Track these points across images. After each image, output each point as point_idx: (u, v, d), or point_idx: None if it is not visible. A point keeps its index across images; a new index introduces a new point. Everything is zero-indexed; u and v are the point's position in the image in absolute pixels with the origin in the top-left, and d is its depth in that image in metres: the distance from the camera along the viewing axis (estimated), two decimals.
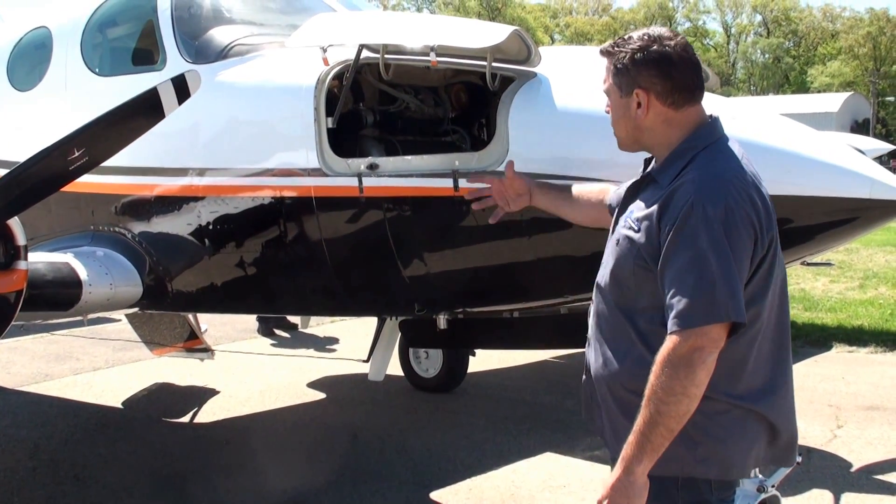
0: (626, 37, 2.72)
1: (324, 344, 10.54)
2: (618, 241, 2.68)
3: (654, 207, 2.56)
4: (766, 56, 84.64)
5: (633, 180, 2.82)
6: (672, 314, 2.45)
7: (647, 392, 2.46)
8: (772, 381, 2.65)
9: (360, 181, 4.42)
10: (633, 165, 3.82)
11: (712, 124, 2.70)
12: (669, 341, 2.44)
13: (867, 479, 5.68)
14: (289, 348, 10.31)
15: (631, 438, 2.48)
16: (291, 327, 11.10)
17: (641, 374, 2.51)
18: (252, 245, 5.00)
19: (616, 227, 2.75)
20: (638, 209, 2.65)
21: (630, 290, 2.64)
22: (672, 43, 2.64)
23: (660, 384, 2.43)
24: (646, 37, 2.67)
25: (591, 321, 2.83)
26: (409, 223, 4.51)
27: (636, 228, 2.61)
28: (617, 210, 2.85)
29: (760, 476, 3.97)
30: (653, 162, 2.79)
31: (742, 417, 2.61)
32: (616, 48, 2.71)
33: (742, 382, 2.59)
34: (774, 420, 2.65)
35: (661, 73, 2.64)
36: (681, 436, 2.48)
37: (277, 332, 11.11)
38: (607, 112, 2.84)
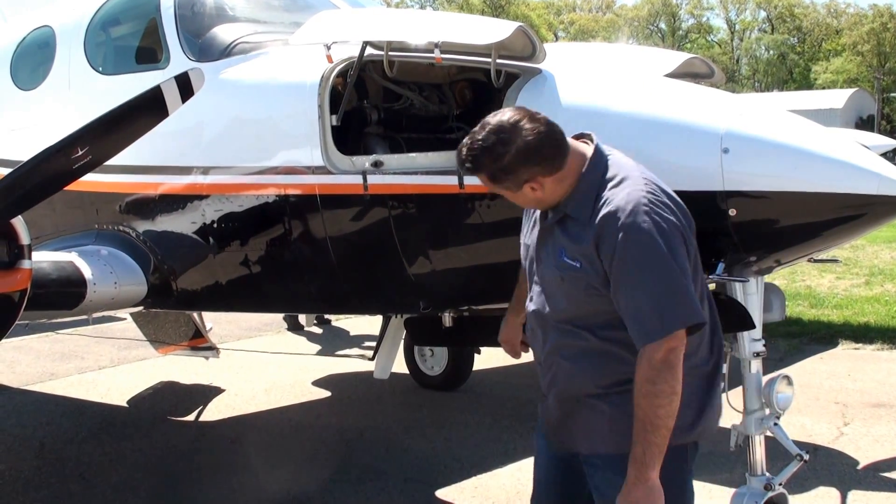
0: (477, 146, 2.75)
1: (352, 339, 10.55)
2: (562, 278, 2.82)
3: (589, 243, 2.72)
4: (771, 52, 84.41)
5: (542, 225, 2.93)
6: (641, 330, 2.66)
7: (637, 405, 2.65)
8: (716, 338, 2.94)
9: (365, 179, 4.40)
10: (639, 161, 3.81)
11: (596, 152, 2.83)
12: (645, 354, 2.63)
13: (874, 476, 5.65)
14: (312, 344, 10.34)
15: (636, 450, 2.65)
16: (326, 322, 11.20)
17: (610, 368, 2.80)
18: (256, 243, 4.99)
19: (548, 260, 2.89)
20: (569, 247, 2.79)
21: (587, 312, 2.82)
22: (522, 129, 2.71)
23: (651, 393, 2.62)
24: (496, 138, 2.71)
25: (543, 350, 2.99)
26: (413, 221, 4.50)
27: (578, 264, 2.76)
28: (534, 249, 2.97)
29: (767, 474, 3.97)
30: None
31: (709, 375, 2.90)
32: (476, 163, 2.77)
33: (700, 353, 2.86)
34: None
35: (535, 160, 2.72)
36: None
37: (307, 327, 11.19)
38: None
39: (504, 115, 2.77)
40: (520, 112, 2.77)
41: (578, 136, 2.91)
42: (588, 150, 2.84)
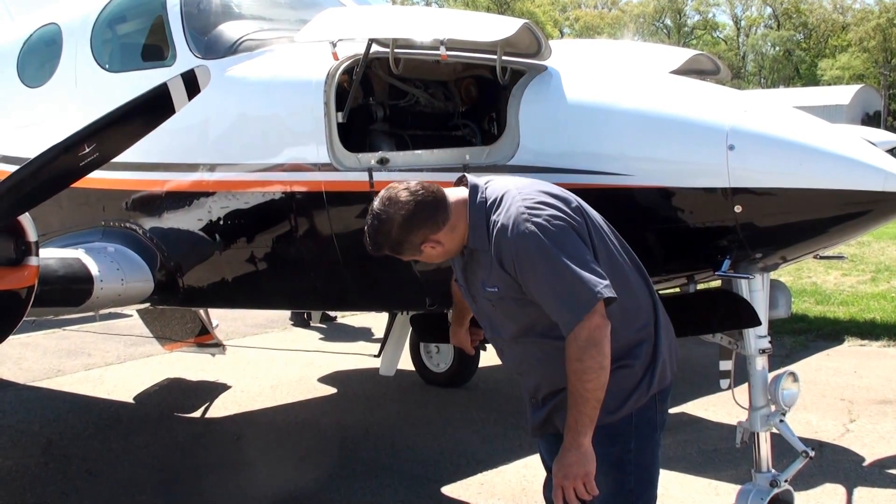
0: (370, 233, 3.13)
1: (358, 336, 10.56)
2: (493, 304, 3.14)
3: (495, 266, 3.01)
4: (777, 49, 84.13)
5: (463, 265, 3.22)
6: (561, 322, 2.91)
7: (569, 381, 2.90)
8: (652, 312, 3.16)
9: (371, 176, 4.41)
10: (643, 158, 3.83)
11: (471, 189, 3.11)
12: (571, 337, 2.87)
13: (880, 473, 5.65)
14: (318, 341, 10.36)
15: (570, 422, 2.93)
16: (330, 319, 11.26)
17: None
18: (262, 240, 5.00)
19: (477, 294, 3.20)
20: (485, 276, 3.09)
21: (531, 322, 3.09)
22: (397, 203, 3.05)
23: (579, 370, 2.86)
24: (378, 221, 3.08)
25: (514, 363, 3.33)
26: None
27: (496, 289, 3.06)
28: (467, 289, 3.28)
29: (773, 470, 3.97)
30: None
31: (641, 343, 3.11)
32: (375, 246, 3.15)
33: (635, 322, 3.10)
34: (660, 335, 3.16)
35: (417, 225, 3.06)
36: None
37: (312, 323, 11.22)
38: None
39: (380, 197, 3.12)
40: (393, 189, 3.11)
41: (457, 183, 3.22)
42: (464, 191, 3.13)
